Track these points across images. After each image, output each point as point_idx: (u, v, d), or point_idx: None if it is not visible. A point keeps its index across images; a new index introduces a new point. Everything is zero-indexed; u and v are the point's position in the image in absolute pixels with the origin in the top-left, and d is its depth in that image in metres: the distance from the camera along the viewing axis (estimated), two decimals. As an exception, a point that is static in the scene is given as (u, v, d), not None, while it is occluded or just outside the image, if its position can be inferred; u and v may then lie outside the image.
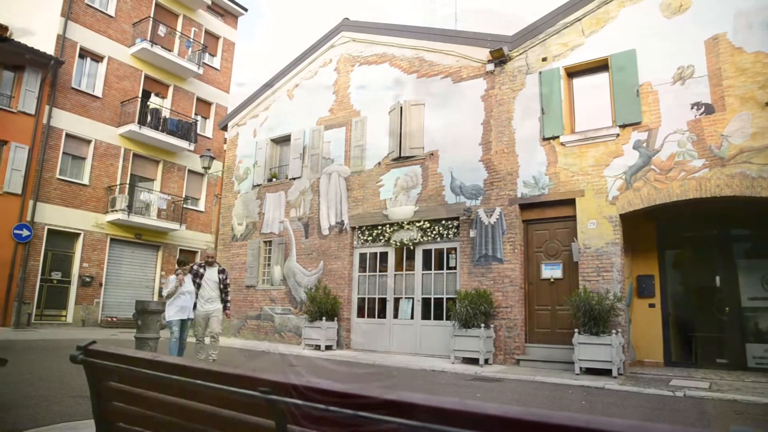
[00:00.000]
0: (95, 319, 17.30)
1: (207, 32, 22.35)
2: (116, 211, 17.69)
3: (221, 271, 8.13)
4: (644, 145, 9.21)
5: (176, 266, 8.04)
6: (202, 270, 7.99)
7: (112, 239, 18.09)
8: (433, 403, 1.16)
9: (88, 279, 17.17)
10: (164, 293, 7.64)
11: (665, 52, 9.23)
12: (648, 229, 10.32)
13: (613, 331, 8.50)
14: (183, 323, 7.68)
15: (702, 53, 8.91)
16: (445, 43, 12.02)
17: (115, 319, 17.67)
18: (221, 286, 8.06)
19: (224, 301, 8.10)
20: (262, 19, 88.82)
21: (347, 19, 14.25)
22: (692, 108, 8.88)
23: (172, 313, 7.53)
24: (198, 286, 7.86)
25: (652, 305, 10.08)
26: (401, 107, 12.30)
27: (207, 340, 7.92)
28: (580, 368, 8.54)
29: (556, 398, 6.68)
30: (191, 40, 21.05)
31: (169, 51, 19.97)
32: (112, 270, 18.16)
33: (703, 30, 8.95)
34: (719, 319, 9.58)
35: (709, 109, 8.73)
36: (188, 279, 7.75)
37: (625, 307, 9.08)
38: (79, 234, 17.16)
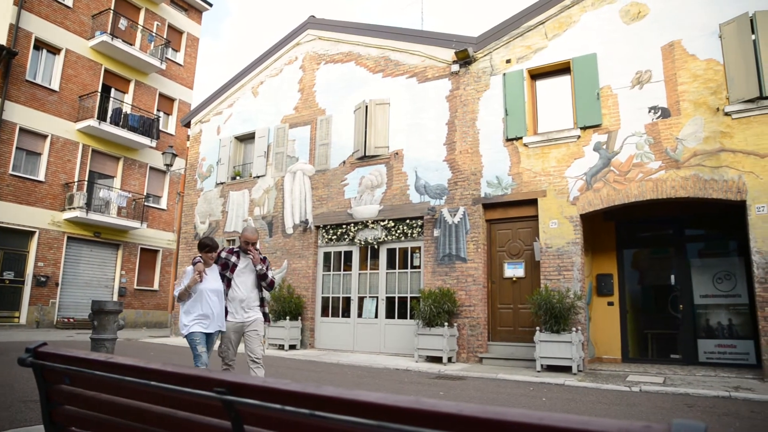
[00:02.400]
0: (51, 320, 16.76)
1: (170, 27, 21.91)
2: (74, 208, 17.17)
3: (262, 261, 5.23)
4: (604, 146, 9.44)
5: (197, 251, 5.32)
6: (233, 259, 5.17)
7: (69, 237, 17.56)
8: (389, 401, 1.16)
9: (43, 279, 16.62)
10: (176, 292, 4.95)
11: (624, 57, 9.48)
12: (607, 228, 10.58)
13: (574, 328, 8.69)
14: (209, 339, 4.92)
15: (659, 59, 9.18)
16: (410, 43, 12.06)
17: (72, 320, 17.17)
18: (262, 283, 5.23)
19: (264, 302, 5.34)
20: (229, 16, 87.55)
21: (313, 16, 14.16)
22: (649, 111, 9.14)
23: (190, 320, 4.84)
24: (228, 282, 5.13)
25: (610, 303, 10.34)
26: (366, 106, 12.30)
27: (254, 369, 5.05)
28: (542, 365, 8.70)
29: (518, 395, 6.79)
30: (153, 35, 20.59)
31: (131, 45, 19.50)
32: (69, 269, 17.63)
33: (659, 36, 9.22)
34: (674, 317, 9.90)
35: (665, 113, 9.00)
36: (214, 271, 5.08)
37: (584, 305, 9.29)
38: (33, 232, 16.59)
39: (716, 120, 8.56)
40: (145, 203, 19.86)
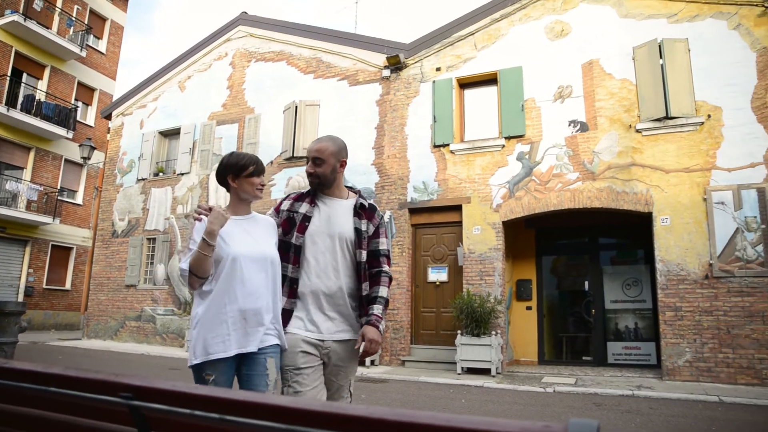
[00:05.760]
0: (-55, 320, 15.42)
1: (92, 12, 20.75)
2: (-24, 200, 15.92)
3: (367, 211, 2.70)
4: (527, 156, 9.81)
5: (218, 176, 2.42)
6: (303, 208, 2.55)
7: (-31, 232, 16.25)
8: (299, 405, 1.15)
9: (-62, 276, 15.29)
10: (183, 264, 2.17)
11: (548, 72, 9.90)
12: (528, 236, 10.98)
13: (493, 332, 8.95)
14: (249, 365, 2.20)
15: (579, 75, 9.66)
16: (343, 46, 12.06)
17: (-30, 320, 15.87)
18: (369, 256, 2.50)
19: (373, 299, 2.39)
20: (159, 9, 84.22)
21: (245, 13, 13.88)
22: (569, 125, 9.59)
23: (201, 333, 2.15)
24: (295, 252, 2.43)
25: (529, 308, 10.73)
26: (296, 107, 12.17)
27: None
28: (462, 368, 8.90)
29: (438, 397, 6.91)
30: (73, 19, 19.46)
31: (47, 28, 18.29)
32: (-31, 266, 16.32)
33: (580, 54, 9.70)
34: (586, 320, 10.41)
35: (583, 127, 9.47)
36: (259, 229, 2.43)
37: (504, 309, 9.60)
38: (-72, 225, 15.25)
39: (629, 136, 9.10)
40: (59, 197, 18.68)
